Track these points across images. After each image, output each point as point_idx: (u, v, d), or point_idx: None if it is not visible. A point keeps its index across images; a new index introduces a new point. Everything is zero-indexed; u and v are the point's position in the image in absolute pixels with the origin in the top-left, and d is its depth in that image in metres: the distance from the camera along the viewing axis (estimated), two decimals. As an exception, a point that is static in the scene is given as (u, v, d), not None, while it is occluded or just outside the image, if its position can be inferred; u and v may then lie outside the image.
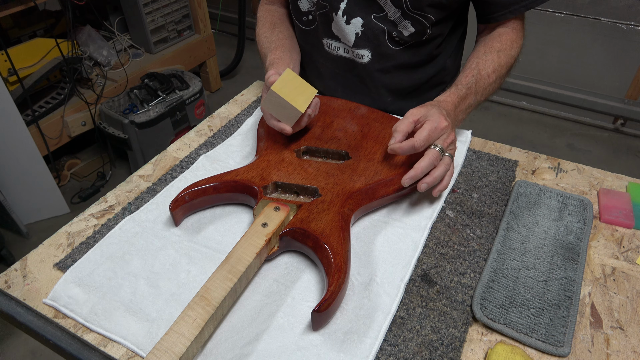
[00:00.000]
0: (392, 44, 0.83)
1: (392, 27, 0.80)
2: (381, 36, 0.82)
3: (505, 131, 2.36)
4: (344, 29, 0.83)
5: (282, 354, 0.54)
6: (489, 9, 0.80)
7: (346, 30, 0.83)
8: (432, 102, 0.72)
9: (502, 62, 0.78)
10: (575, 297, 0.59)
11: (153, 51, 2.27)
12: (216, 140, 0.87)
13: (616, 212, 0.71)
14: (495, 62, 0.77)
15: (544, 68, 2.33)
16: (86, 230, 0.70)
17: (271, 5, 0.97)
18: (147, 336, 0.56)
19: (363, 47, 0.84)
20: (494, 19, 0.81)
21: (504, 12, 0.79)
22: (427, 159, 0.65)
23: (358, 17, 0.81)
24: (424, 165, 0.64)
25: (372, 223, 0.70)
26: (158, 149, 0.92)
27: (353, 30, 0.82)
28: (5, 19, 1.86)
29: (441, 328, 0.57)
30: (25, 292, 0.62)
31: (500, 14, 0.79)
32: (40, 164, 1.75)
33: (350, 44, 0.84)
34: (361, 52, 0.85)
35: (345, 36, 0.84)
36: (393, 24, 0.80)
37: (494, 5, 0.79)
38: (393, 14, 0.78)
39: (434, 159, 0.65)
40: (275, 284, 0.61)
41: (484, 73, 0.76)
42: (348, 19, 0.81)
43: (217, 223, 0.70)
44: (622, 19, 2.06)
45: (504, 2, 0.78)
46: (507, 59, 0.79)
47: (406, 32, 0.80)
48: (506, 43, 0.80)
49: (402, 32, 0.80)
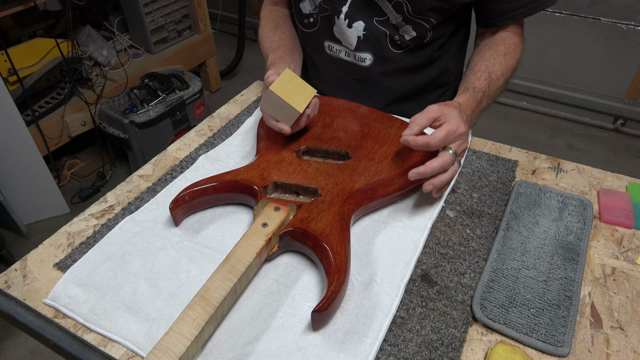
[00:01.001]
0: (394, 47, 0.83)
1: (393, 31, 0.80)
2: (383, 40, 0.82)
3: (505, 131, 2.36)
4: (345, 32, 0.82)
5: (282, 354, 0.54)
6: (490, 14, 0.81)
7: (348, 34, 0.82)
8: (453, 102, 0.69)
9: (509, 66, 0.79)
10: (575, 297, 0.59)
11: (153, 51, 2.27)
12: (216, 140, 0.87)
13: (616, 212, 0.71)
14: (503, 65, 0.78)
15: (544, 68, 2.33)
16: (86, 230, 0.70)
17: (274, 5, 0.97)
18: (147, 336, 0.56)
19: (365, 50, 0.84)
20: (494, 24, 0.82)
21: (503, 18, 0.80)
22: (440, 161, 0.63)
23: (360, 20, 0.80)
24: (435, 166, 0.63)
25: (372, 223, 0.70)
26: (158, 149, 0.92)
27: (355, 34, 0.82)
28: (5, 19, 1.86)
29: (441, 328, 0.57)
30: (25, 292, 0.62)
31: (501, 19, 0.80)
32: (40, 164, 1.75)
33: (352, 47, 0.84)
34: (363, 55, 0.85)
35: (347, 39, 0.84)
36: (395, 28, 0.80)
37: (495, 11, 0.80)
38: (395, 18, 0.78)
39: (447, 163, 0.63)
40: (275, 284, 0.61)
41: (494, 76, 0.76)
42: (350, 22, 0.81)
43: (217, 223, 0.70)
44: (622, 19, 2.06)
45: (505, 9, 0.79)
46: (513, 62, 0.79)
47: (408, 36, 0.80)
48: (511, 47, 0.80)
49: (403, 35, 0.80)
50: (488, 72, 0.76)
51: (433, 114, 0.65)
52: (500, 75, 0.77)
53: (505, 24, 0.81)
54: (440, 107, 0.66)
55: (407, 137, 0.63)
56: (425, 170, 0.62)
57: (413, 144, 0.63)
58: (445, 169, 0.64)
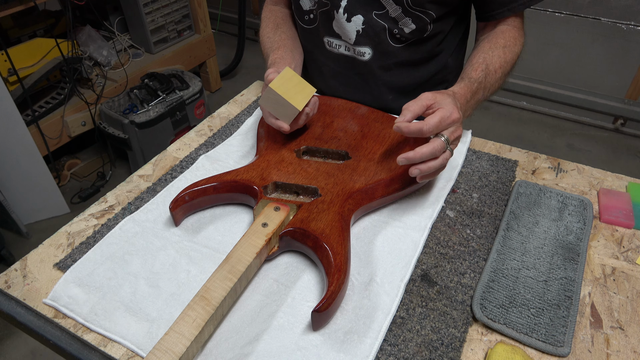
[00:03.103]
0: (393, 41, 0.83)
1: (393, 24, 0.80)
2: (382, 34, 0.82)
3: (505, 131, 2.36)
4: (345, 26, 0.83)
5: (282, 354, 0.54)
6: (488, 6, 0.80)
7: (347, 28, 0.83)
8: (447, 90, 0.69)
9: (508, 59, 0.78)
10: (575, 297, 0.59)
11: (153, 51, 2.27)
12: (216, 140, 0.87)
13: (616, 212, 0.71)
14: (502, 57, 0.77)
15: (544, 68, 2.33)
16: (86, 230, 0.70)
17: (275, 5, 0.98)
18: (147, 336, 0.56)
19: (364, 44, 0.84)
20: (493, 16, 0.81)
21: (502, 9, 0.79)
22: (430, 147, 0.61)
23: (359, 14, 0.81)
24: (425, 152, 0.61)
25: (372, 223, 0.70)
26: (158, 149, 0.91)
27: (354, 28, 0.82)
28: (5, 19, 1.86)
29: (441, 328, 0.57)
30: (25, 292, 0.62)
31: (499, 11, 0.79)
32: (40, 164, 1.75)
33: (351, 41, 0.84)
34: (362, 49, 0.85)
35: (346, 34, 0.84)
36: (394, 21, 0.80)
37: (493, 3, 0.79)
38: (394, 11, 0.78)
39: (438, 149, 0.62)
40: (275, 284, 0.61)
41: (492, 68, 0.76)
42: (349, 16, 0.81)
43: (217, 223, 0.70)
44: (622, 19, 2.06)
45: (503, 0, 0.78)
46: (512, 55, 0.79)
47: (407, 29, 0.80)
48: (510, 40, 0.80)
49: (403, 29, 0.80)
50: (485, 64, 0.75)
51: (426, 102, 0.64)
52: (498, 68, 0.76)
53: (504, 16, 0.80)
54: (434, 94, 0.65)
55: (399, 124, 0.62)
56: (414, 155, 0.61)
57: (406, 130, 0.62)
58: (435, 155, 0.62)
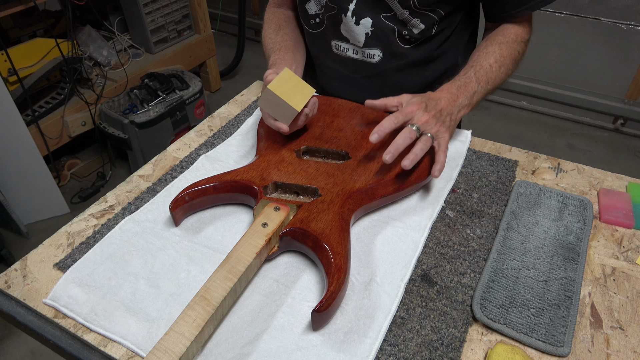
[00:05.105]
0: (403, 42, 0.83)
1: (401, 26, 0.81)
2: (391, 35, 0.82)
3: (505, 131, 2.36)
4: (353, 29, 0.83)
5: (282, 354, 0.54)
6: (495, 10, 0.82)
7: (356, 31, 0.83)
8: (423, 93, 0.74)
9: (505, 54, 0.79)
10: (575, 297, 0.59)
11: (153, 51, 2.27)
12: (216, 140, 0.87)
13: (616, 212, 0.71)
14: (497, 53, 0.79)
15: (544, 68, 2.33)
16: (86, 230, 0.70)
17: (278, 7, 0.98)
18: (147, 336, 0.56)
19: (373, 46, 0.84)
20: (500, 19, 0.83)
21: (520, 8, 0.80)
22: (400, 135, 0.67)
23: (367, 17, 0.81)
24: (398, 140, 0.67)
25: (372, 223, 0.70)
26: (158, 149, 0.91)
27: (363, 31, 0.82)
28: (5, 19, 1.86)
29: (441, 328, 0.57)
30: (25, 292, 0.62)
31: (506, 14, 0.81)
32: (40, 164, 1.75)
33: (360, 44, 0.84)
34: (372, 51, 0.85)
35: (354, 37, 0.84)
36: (402, 23, 0.81)
37: (501, 5, 0.80)
38: (401, 14, 0.79)
39: (407, 135, 0.67)
40: (275, 284, 0.61)
41: (485, 64, 0.78)
42: (357, 19, 0.81)
43: (217, 223, 0.70)
44: (622, 19, 2.06)
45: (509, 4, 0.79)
46: (510, 50, 0.80)
47: (416, 30, 0.81)
48: (509, 36, 0.81)
49: (412, 30, 0.81)
50: (478, 61, 0.78)
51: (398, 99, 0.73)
52: (493, 62, 0.78)
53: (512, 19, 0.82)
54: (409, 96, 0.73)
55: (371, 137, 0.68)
56: (393, 147, 0.66)
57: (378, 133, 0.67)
58: (409, 139, 0.67)
